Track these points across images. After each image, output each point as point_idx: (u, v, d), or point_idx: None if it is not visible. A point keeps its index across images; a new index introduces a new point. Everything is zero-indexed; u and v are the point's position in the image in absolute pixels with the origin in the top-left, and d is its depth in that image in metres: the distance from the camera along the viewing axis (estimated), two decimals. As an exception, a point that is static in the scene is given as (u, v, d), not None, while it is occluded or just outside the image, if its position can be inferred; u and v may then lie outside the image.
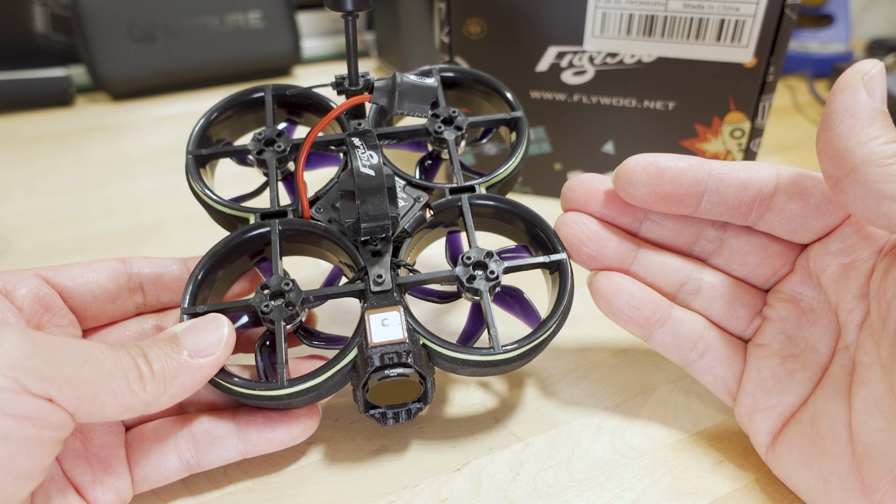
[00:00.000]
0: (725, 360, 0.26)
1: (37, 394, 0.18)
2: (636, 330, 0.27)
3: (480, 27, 0.42)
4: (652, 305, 0.26)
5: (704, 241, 0.27)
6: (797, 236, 0.25)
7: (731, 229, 0.27)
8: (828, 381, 0.24)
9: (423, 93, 0.26)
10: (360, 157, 0.26)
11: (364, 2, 0.26)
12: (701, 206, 0.25)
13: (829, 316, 0.25)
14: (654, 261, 0.27)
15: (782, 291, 0.26)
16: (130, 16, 0.61)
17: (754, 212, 0.25)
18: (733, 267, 0.27)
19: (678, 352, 0.27)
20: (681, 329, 0.26)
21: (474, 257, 0.27)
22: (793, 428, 0.24)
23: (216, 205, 0.28)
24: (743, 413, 0.26)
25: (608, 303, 0.26)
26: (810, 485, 0.23)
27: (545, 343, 0.26)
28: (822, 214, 0.24)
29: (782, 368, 0.25)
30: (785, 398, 0.25)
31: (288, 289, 0.25)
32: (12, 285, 0.24)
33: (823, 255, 0.25)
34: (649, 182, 0.25)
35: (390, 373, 0.24)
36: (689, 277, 0.27)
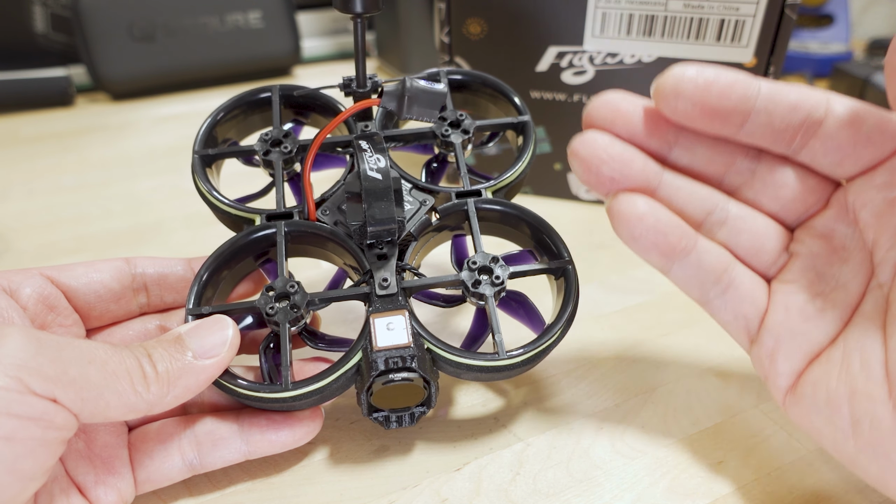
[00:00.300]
0: (749, 297, 0.24)
1: (41, 394, 0.18)
2: (657, 259, 0.24)
3: (480, 27, 0.42)
4: (678, 232, 0.24)
5: (735, 172, 0.25)
6: (840, 168, 0.23)
7: (764, 161, 0.25)
8: (859, 320, 0.23)
9: (433, 98, 0.26)
10: (367, 161, 0.26)
11: (374, 4, 0.26)
12: (745, 126, 0.23)
13: (862, 254, 0.23)
14: (680, 186, 0.25)
15: (813, 227, 0.24)
16: (130, 16, 0.61)
17: (799, 138, 0.23)
18: (764, 201, 0.25)
19: (699, 286, 0.25)
20: (706, 261, 0.24)
21: (480, 262, 0.27)
22: (819, 368, 0.23)
23: (222, 205, 0.28)
24: (763, 354, 0.24)
25: (629, 227, 0.24)
26: (837, 427, 0.22)
27: (550, 349, 0.26)
28: (872, 145, 0.23)
29: (811, 306, 0.24)
30: (812, 336, 0.23)
31: (293, 291, 0.25)
32: (17, 284, 0.25)
33: (867, 189, 0.23)
34: (696, 94, 0.23)
35: (395, 377, 0.24)
36: (717, 206, 0.25)
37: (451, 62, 0.44)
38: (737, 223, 0.25)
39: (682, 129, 0.25)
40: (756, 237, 0.25)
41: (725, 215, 0.25)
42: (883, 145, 0.23)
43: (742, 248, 0.25)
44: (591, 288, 0.37)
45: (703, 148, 0.25)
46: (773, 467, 0.26)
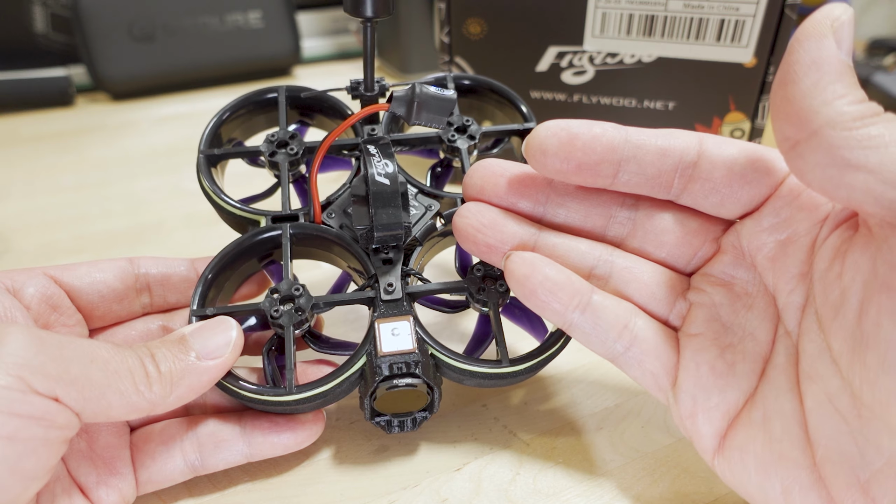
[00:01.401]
0: (654, 351, 0.23)
1: (43, 393, 0.18)
2: (553, 317, 0.24)
3: (480, 27, 0.42)
4: (569, 289, 0.23)
5: (616, 223, 0.25)
6: (724, 209, 0.23)
7: (643, 208, 0.25)
8: (773, 373, 0.22)
9: (442, 105, 0.25)
10: (375, 166, 0.26)
11: (384, 8, 0.26)
12: (619, 176, 0.23)
13: (765, 299, 0.23)
14: (556, 243, 0.25)
15: (712, 274, 0.24)
16: (130, 16, 0.61)
17: (676, 182, 0.23)
18: (649, 249, 0.25)
19: (601, 343, 0.24)
20: (603, 316, 0.23)
21: (484, 269, 0.27)
22: (742, 431, 0.22)
23: (228, 206, 0.28)
24: (684, 415, 0.23)
25: (521, 286, 0.23)
26: (769, 496, 0.21)
27: (552, 358, 0.26)
28: (749, 184, 0.22)
29: (721, 361, 0.23)
30: (728, 395, 0.22)
31: (298, 294, 0.25)
32: (20, 284, 0.25)
33: (757, 233, 0.23)
34: (561, 149, 0.23)
35: (398, 383, 0.24)
36: (599, 260, 0.24)
37: (451, 62, 0.44)
38: (623, 274, 0.24)
39: (552, 186, 0.25)
40: (646, 286, 0.24)
41: (610, 268, 0.24)
42: (760, 183, 0.22)
43: (633, 299, 0.24)
44: (591, 288, 0.37)
45: (576, 202, 0.25)
46: (773, 467, 0.26)
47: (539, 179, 0.25)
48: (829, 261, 0.20)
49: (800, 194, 0.22)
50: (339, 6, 0.75)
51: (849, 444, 0.19)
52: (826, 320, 0.20)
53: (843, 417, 0.19)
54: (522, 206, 0.25)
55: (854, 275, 0.19)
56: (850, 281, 0.19)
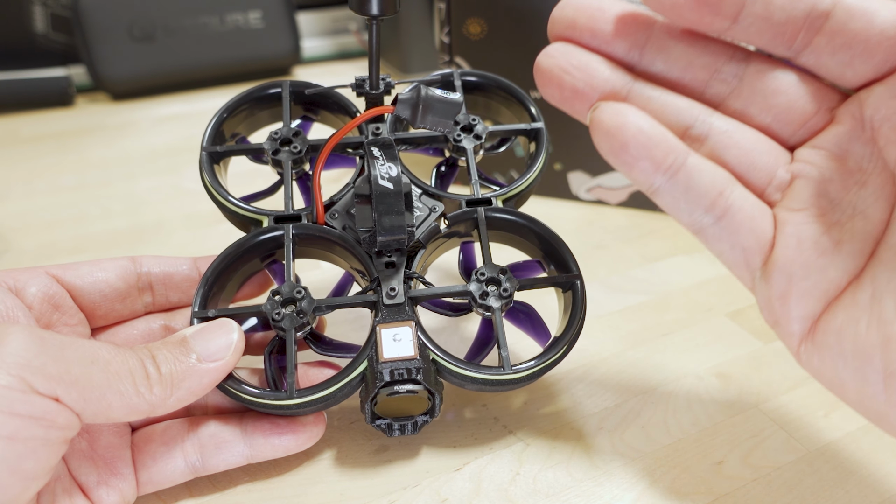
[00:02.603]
0: (749, 225, 0.21)
1: (44, 393, 0.18)
2: (642, 176, 0.21)
3: (480, 27, 0.42)
4: (664, 146, 0.21)
5: (719, 80, 0.22)
6: (848, 72, 0.20)
7: (754, 64, 0.22)
8: (886, 254, 0.20)
9: (448, 108, 0.25)
10: (379, 169, 0.25)
11: (391, 6, 0.25)
12: (741, 18, 0.20)
13: (883, 177, 0.20)
14: (652, 96, 0.22)
15: (822, 147, 0.21)
16: (130, 16, 0.61)
17: (802, 35, 0.20)
18: (753, 112, 0.22)
19: (689, 211, 0.21)
20: (698, 181, 0.21)
21: (488, 274, 0.27)
22: (842, 312, 0.20)
23: (230, 204, 0.28)
24: (773, 295, 0.21)
25: (611, 138, 0.21)
26: (866, 380, 0.19)
27: (555, 364, 0.26)
28: (888, 41, 0.20)
29: (827, 238, 0.21)
30: (830, 274, 0.20)
31: (300, 297, 0.25)
32: (22, 283, 0.24)
33: (888, 100, 0.20)
34: None
35: (400, 388, 0.24)
36: (696, 119, 0.22)
37: (451, 62, 0.44)
38: (721, 138, 0.22)
39: (655, 27, 0.22)
40: (746, 153, 0.22)
41: (707, 129, 0.22)
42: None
43: (730, 165, 0.22)
44: (592, 288, 0.37)
45: (681, 49, 0.22)
46: (773, 467, 0.26)
47: (641, 18, 0.22)
48: None
49: None
50: (339, 6, 0.75)
51: None
52: None
53: None
54: (617, 49, 0.22)
55: None
56: None
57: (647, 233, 0.42)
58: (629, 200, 0.44)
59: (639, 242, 0.41)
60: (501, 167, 0.46)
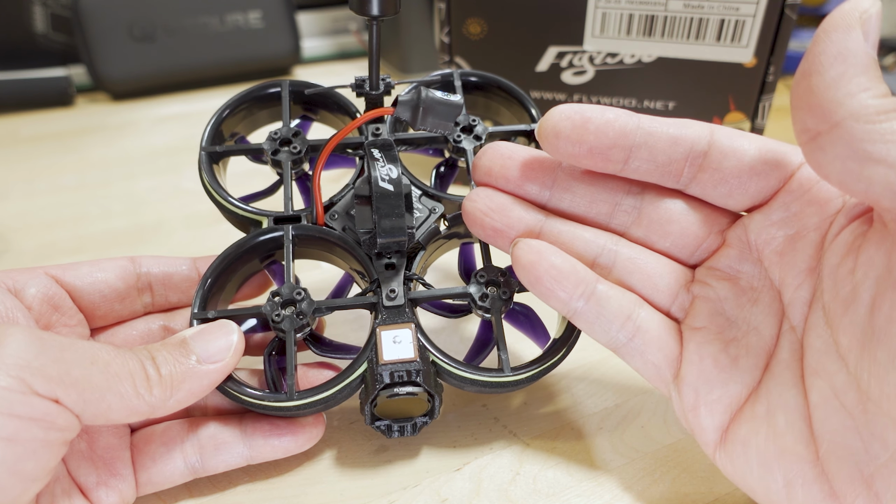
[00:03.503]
0: (657, 343, 0.23)
1: (43, 395, 0.18)
2: (558, 304, 0.24)
3: (480, 27, 0.42)
4: (574, 278, 0.23)
5: (621, 211, 0.25)
6: (732, 201, 0.23)
7: (649, 196, 0.25)
8: (777, 368, 0.22)
9: (449, 110, 0.25)
10: (379, 170, 0.25)
11: (391, 7, 0.25)
12: (629, 162, 0.23)
13: (771, 294, 0.23)
14: (562, 230, 0.25)
15: (717, 268, 0.24)
16: (130, 16, 0.61)
17: (686, 171, 0.23)
18: (653, 239, 0.25)
19: (604, 332, 0.24)
20: (607, 306, 0.23)
21: (488, 275, 0.27)
22: (745, 425, 0.22)
23: (230, 205, 0.28)
24: (686, 408, 0.23)
25: (527, 272, 0.24)
26: (771, 489, 0.21)
27: (555, 366, 0.26)
28: (758, 175, 0.22)
29: (725, 355, 0.23)
30: (731, 388, 0.22)
31: (300, 298, 0.25)
32: (22, 284, 0.24)
33: (766, 226, 0.23)
34: (574, 132, 0.23)
35: (399, 391, 0.24)
36: (603, 249, 0.24)
37: (451, 62, 0.44)
38: (626, 264, 0.24)
39: (560, 170, 0.25)
40: (649, 277, 0.24)
41: (614, 257, 0.24)
42: (769, 176, 0.22)
43: (636, 289, 0.24)
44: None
45: (583, 187, 0.25)
46: (773, 467, 0.26)
47: (547, 163, 0.25)
48: (842, 256, 0.20)
49: (810, 189, 0.22)
50: (339, 6, 0.75)
51: (853, 439, 0.19)
52: (835, 316, 0.20)
53: (849, 412, 0.19)
54: (529, 190, 0.25)
55: (867, 270, 0.19)
56: (862, 276, 0.19)
57: (647, 233, 0.42)
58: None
59: (639, 242, 0.41)
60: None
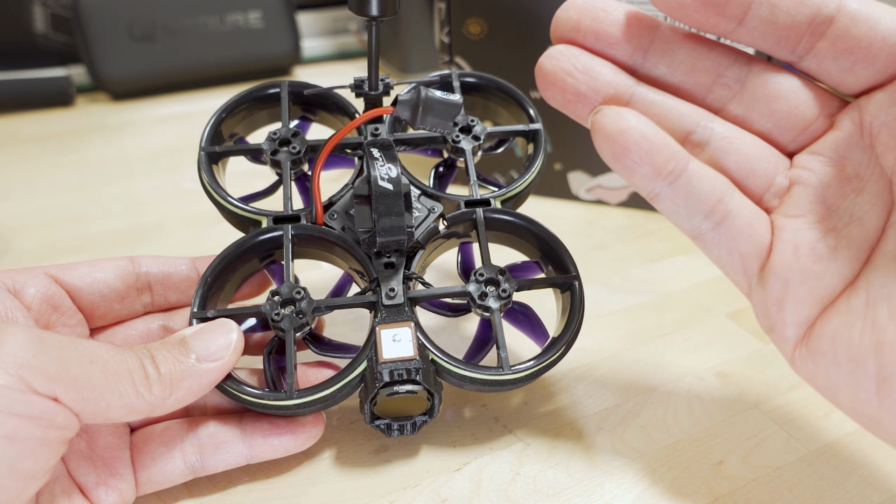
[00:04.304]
0: (747, 231, 0.22)
1: (43, 393, 0.18)
2: (643, 182, 0.21)
3: (480, 27, 0.42)
4: (666, 152, 0.21)
5: (722, 84, 0.22)
6: (851, 76, 0.21)
7: (756, 69, 0.22)
8: (881, 260, 0.20)
9: (448, 109, 0.25)
10: (378, 170, 0.25)
11: (390, 7, 0.25)
12: (746, 21, 0.21)
13: (880, 184, 0.21)
14: (654, 101, 0.22)
15: (821, 153, 0.22)
16: (130, 16, 0.61)
17: (805, 39, 0.21)
18: (755, 117, 0.22)
19: (689, 217, 0.22)
20: (698, 187, 0.21)
21: (487, 274, 0.27)
22: (837, 317, 0.20)
23: (229, 205, 0.28)
24: (769, 300, 0.21)
25: (610, 143, 0.21)
26: (860, 385, 0.20)
27: (553, 365, 0.26)
28: (891, 48, 0.20)
29: (823, 244, 0.21)
30: (825, 280, 0.21)
31: (299, 297, 0.25)
32: (21, 284, 0.24)
33: (888, 107, 0.20)
34: None
35: (399, 389, 0.24)
36: (698, 125, 0.22)
37: (451, 62, 0.44)
38: (722, 144, 0.22)
39: (659, 30, 0.22)
40: (745, 159, 0.22)
41: (708, 134, 0.22)
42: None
43: (731, 171, 0.22)
44: (592, 288, 0.37)
45: (684, 52, 0.22)
46: (773, 467, 0.26)
47: (646, 20, 0.22)
48: None
49: None
50: (339, 6, 0.75)
51: None
52: None
53: None
54: (621, 52, 0.22)
55: None
56: None
57: (647, 233, 0.42)
58: (629, 200, 0.44)
59: (639, 242, 0.41)
60: (500, 167, 0.46)
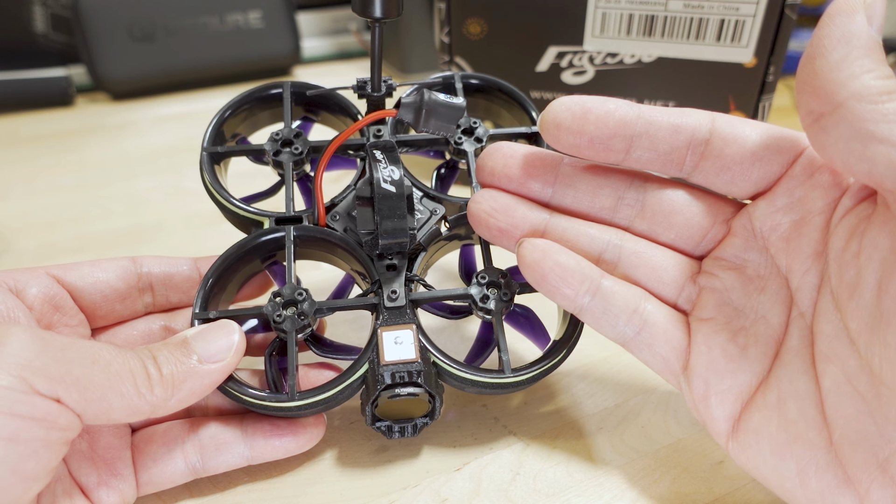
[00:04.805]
0: (664, 335, 0.23)
1: (45, 394, 0.18)
2: (564, 301, 0.24)
3: (480, 27, 0.42)
4: (579, 275, 0.24)
5: (624, 205, 0.25)
6: (735, 188, 0.23)
7: (652, 188, 0.25)
8: (787, 356, 0.22)
9: (451, 112, 0.25)
10: (381, 171, 0.25)
11: (394, 9, 0.25)
12: (631, 152, 0.23)
13: (778, 281, 0.23)
14: (566, 228, 0.25)
15: (723, 258, 0.24)
16: (130, 16, 0.61)
17: (688, 160, 0.23)
18: (658, 231, 0.25)
19: (611, 327, 0.24)
20: (612, 301, 0.24)
21: (489, 277, 0.27)
22: (756, 413, 0.22)
23: (231, 205, 0.28)
24: (696, 399, 0.23)
25: (533, 271, 0.24)
26: (784, 477, 0.21)
27: (554, 368, 0.26)
28: (761, 161, 0.22)
29: (733, 344, 0.23)
30: (740, 378, 0.22)
31: (301, 298, 0.25)
32: (23, 284, 0.24)
33: (771, 213, 0.23)
34: (574, 122, 0.23)
35: (400, 391, 0.24)
36: (608, 245, 0.25)
37: (451, 62, 0.44)
38: (631, 259, 0.25)
39: (562, 166, 0.25)
40: (654, 270, 0.24)
41: (619, 252, 0.25)
42: (772, 162, 0.22)
43: (641, 283, 0.25)
44: (591, 288, 0.37)
45: (585, 182, 0.25)
46: (773, 467, 0.26)
47: (549, 159, 0.25)
48: (846, 240, 0.20)
49: (813, 173, 0.22)
50: (339, 6, 0.75)
51: (867, 424, 0.19)
52: (843, 300, 0.20)
53: (862, 397, 0.19)
54: (533, 188, 0.25)
55: (872, 253, 0.19)
56: (867, 259, 0.19)
57: (647, 233, 0.42)
58: (629, 200, 0.44)
59: (639, 242, 0.41)
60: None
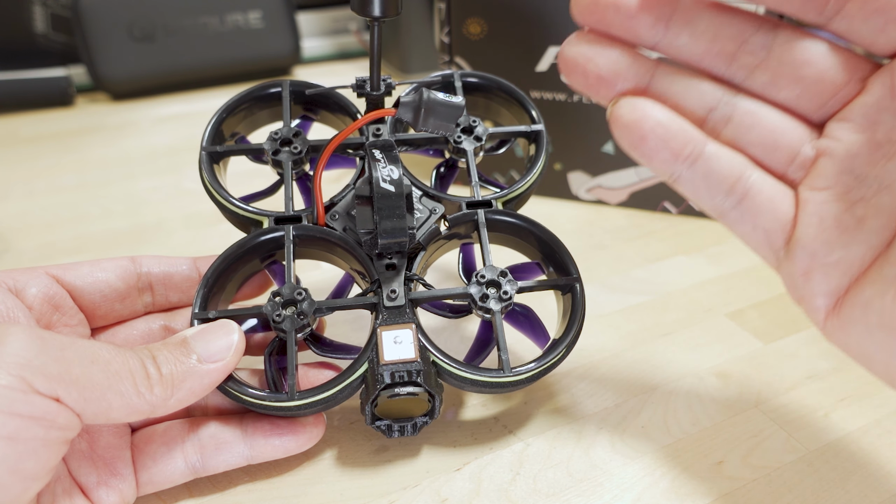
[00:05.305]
0: (769, 206, 0.21)
1: (44, 393, 0.18)
2: (661, 167, 0.22)
3: (480, 27, 0.42)
4: (682, 137, 0.21)
5: (746, 52, 0.21)
6: (881, 38, 0.20)
7: (783, 34, 0.21)
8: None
9: (450, 112, 0.25)
10: (380, 171, 0.25)
11: (393, 8, 0.25)
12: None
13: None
14: (674, 79, 0.22)
15: (849, 119, 0.21)
16: (130, 16, 0.61)
17: (833, 0, 0.20)
18: (781, 84, 0.21)
19: (710, 197, 0.22)
20: (716, 168, 0.22)
21: (488, 276, 0.27)
22: (869, 287, 0.20)
23: (230, 205, 0.28)
24: (796, 272, 0.21)
25: (628, 134, 0.22)
26: (893, 353, 0.19)
27: (554, 367, 0.26)
28: None
29: (849, 215, 0.20)
30: (853, 250, 0.20)
31: (301, 298, 0.25)
32: (23, 284, 0.24)
33: None
34: None
35: (400, 391, 0.24)
36: (720, 100, 0.22)
37: (451, 62, 0.44)
38: (745, 118, 0.22)
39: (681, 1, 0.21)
40: (770, 132, 0.22)
41: (731, 110, 0.22)
42: None
43: (754, 147, 0.22)
44: (592, 288, 0.37)
45: (707, 20, 0.21)
46: (773, 467, 0.26)
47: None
48: None
49: None
50: (339, 6, 0.75)
51: None
52: None
53: None
54: (642, 25, 0.21)
55: None
56: None
57: (647, 233, 0.42)
58: (629, 200, 0.44)
59: (639, 242, 0.41)
60: (501, 168, 0.46)
